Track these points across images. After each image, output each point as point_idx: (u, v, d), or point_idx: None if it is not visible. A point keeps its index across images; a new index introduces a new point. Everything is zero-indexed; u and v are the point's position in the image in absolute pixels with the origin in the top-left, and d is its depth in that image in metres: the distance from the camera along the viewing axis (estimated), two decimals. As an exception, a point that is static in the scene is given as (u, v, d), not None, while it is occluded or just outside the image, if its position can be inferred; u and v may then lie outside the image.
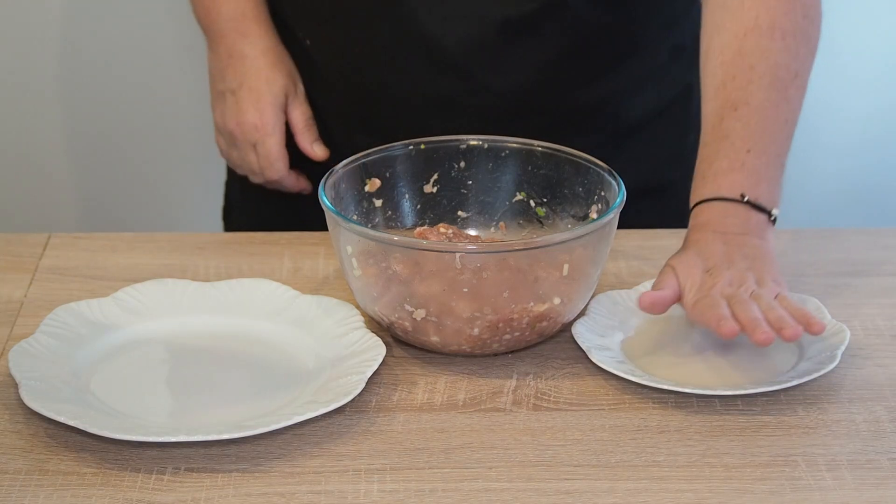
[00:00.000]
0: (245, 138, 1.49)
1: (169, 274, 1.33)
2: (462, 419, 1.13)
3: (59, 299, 1.28)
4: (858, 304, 1.30)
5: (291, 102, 1.50)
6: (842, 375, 1.19)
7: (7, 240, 1.41)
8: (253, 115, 1.47)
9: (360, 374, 1.14)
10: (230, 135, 1.50)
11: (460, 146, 1.32)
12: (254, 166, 1.51)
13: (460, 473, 1.07)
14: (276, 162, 1.49)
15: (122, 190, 2.34)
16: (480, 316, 1.16)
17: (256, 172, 1.51)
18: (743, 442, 1.10)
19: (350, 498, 1.04)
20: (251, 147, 1.49)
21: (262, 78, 1.48)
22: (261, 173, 1.51)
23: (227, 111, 1.50)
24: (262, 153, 1.49)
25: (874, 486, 1.06)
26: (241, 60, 1.49)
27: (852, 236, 1.43)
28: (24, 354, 1.16)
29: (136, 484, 1.05)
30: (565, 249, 1.17)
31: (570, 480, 1.06)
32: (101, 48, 2.25)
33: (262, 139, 1.48)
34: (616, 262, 1.37)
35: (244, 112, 1.48)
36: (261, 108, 1.47)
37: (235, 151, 1.51)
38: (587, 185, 1.28)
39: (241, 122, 1.48)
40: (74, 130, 2.30)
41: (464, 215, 1.34)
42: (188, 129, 2.32)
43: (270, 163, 1.49)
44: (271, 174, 1.50)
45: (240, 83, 1.48)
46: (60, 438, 1.10)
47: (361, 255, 1.18)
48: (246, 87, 1.48)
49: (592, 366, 1.19)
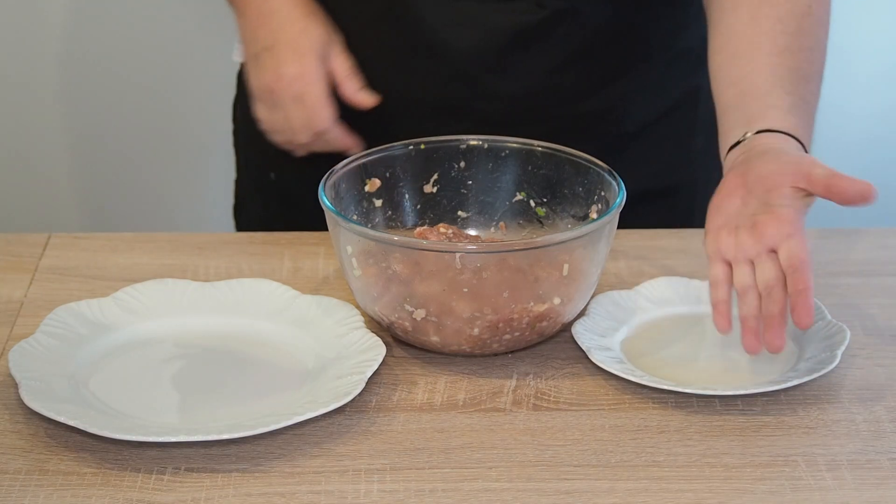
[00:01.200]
0: (287, 92, 1.42)
1: (169, 274, 1.33)
2: (462, 419, 1.13)
3: (59, 299, 1.28)
4: (858, 304, 1.30)
5: (330, 51, 1.43)
6: (842, 375, 1.19)
7: (7, 240, 1.41)
8: (292, 65, 1.41)
9: (360, 374, 1.14)
10: (270, 92, 1.43)
11: (460, 146, 1.32)
12: (298, 122, 1.43)
13: (460, 473, 1.07)
14: (322, 110, 1.42)
15: (122, 190, 2.34)
16: (480, 316, 1.16)
17: (302, 129, 1.43)
18: (743, 442, 1.10)
19: (350, 498, 1.04)
20: (294, 101, 1.42)
21: (297, 28, 1.41)
22: (307, 128, 1.43)
23: (264, 70, 1.43)
24: (308, 103, 1.41)
25: (874, 486, 1.06)
26: (272, 15, 1.43)
27: (852, 236, 1.43)
28: (24, 354, 1.16)
29: (136, 484, 1.05)
30: (565, 249, 1.17)
31: (570, 480, 1.06)
32: (102, 48, 2.25)
33: (306, 88, 1.41)
34: (616, 262, 1.37)
35: (283, 64, 1.41)
36: (300, 58, 1.41)
37: (278, 112, 1.44)
38: (587, 185, 1.28)
39: (281, 74, 1.41)
40: (75, 131, 2.30)
41: (464, 215, 1.34)
42: (188, 130, 2.32)
43: (317, 112, 1.42)
44: (318, 125, 1.42)
45: (275, 38, 1.42)
46: (60, 438, 1.10)
47: (361, 255, 1.18)
48: (282, 41, 1.42)
49: (592, 366, 1.19)
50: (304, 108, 1.42)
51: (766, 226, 1.15)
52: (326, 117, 1.42)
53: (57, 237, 1.41)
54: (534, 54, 1.42)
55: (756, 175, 1.18)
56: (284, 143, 1.47)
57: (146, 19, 2.24)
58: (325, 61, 1.43)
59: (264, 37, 1.43)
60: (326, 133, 1.44)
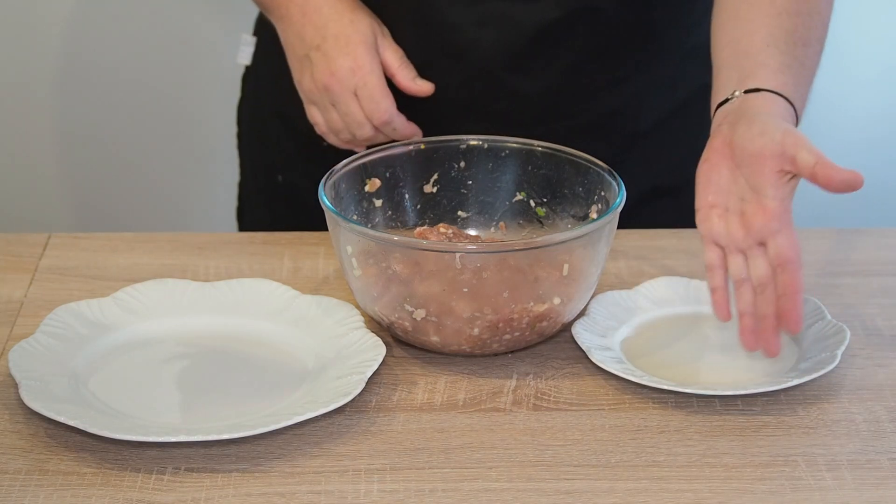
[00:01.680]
0: (343, 87, 1.38)
1: (169, 274, 1.33)
2: (462, 419, 1.13)
3: (59, 299, 1.28)
4: (858, 304, 1.30)
5: (381, 42, 1.40)
6: (842, 375, 1.19)
7: (7, 240, 1.41)
8: (345, 59, 1.37)
9: (360, 374, 1.14)
10: (325, 91, 1.39)
11: (460, 146, 1.32)
12: (359, 116, 1.39)
13: (460, 473, 1.07)
14: (382, 101, 1.38)
15: (122, 190, 2.34)
16: (480, 316, 1.16)
17: (363, 123, 1.39)
18: (743, 442, 1.10)
19: (350, 498, 1.04)
20: (352, 95, 1.38)
21: (345, 21, 1.38)
22: (368, 121, 1.39)
23: (315, 70, 1.39)
24: (366, 95, 1.38)
25: (874, 486, 1.06)
26: (317, 13, 1.39)
27: (852, 236, 1.43)
28: (24, 354, 1.16)
29: (136, 484, 1.05)
30: (565, 249, 1.17)
31: (570, 480, 1.06)
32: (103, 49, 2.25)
33: (363, 80, 1.38)
34: (616, 262, 1.37)
35: (335, 59, 1.37)
36: (352, 51, 1.37)
37: (334, 110, 1.40)
38: (587, 185, 1.28)
39: (335, 70, 1.37)
40: (75, 131, 2.30)
41: (464, 215, 1.34)
42: (189, 130, 2.32)
43: (377, 103, 1.38)
44: (380, 116, 1.38)
45: (323, 36, 1.38)
46: (60, 438, 1.10)
47: (361, 255, 1.18)
48: (331, 37, 1.38)
49: (592, 366, 1.19)
50: (363, 101, 1.39)
51: (754, 217, 1.16)
52: (388, 107, 1.39)
53: (57, 237, 1.41)
54: (553, 53, 1.43)
55: (743, 151, 1.18)
56: (345, 143, 1.44)
57: (149, 19, 2.24)
58: (376, 52, 1.40)
59: (311, 35, 1.40)
60: (389, 123, 1.40)
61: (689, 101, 1.52)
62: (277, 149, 1.58)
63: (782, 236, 1.15)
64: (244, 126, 1.65)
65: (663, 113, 1.52)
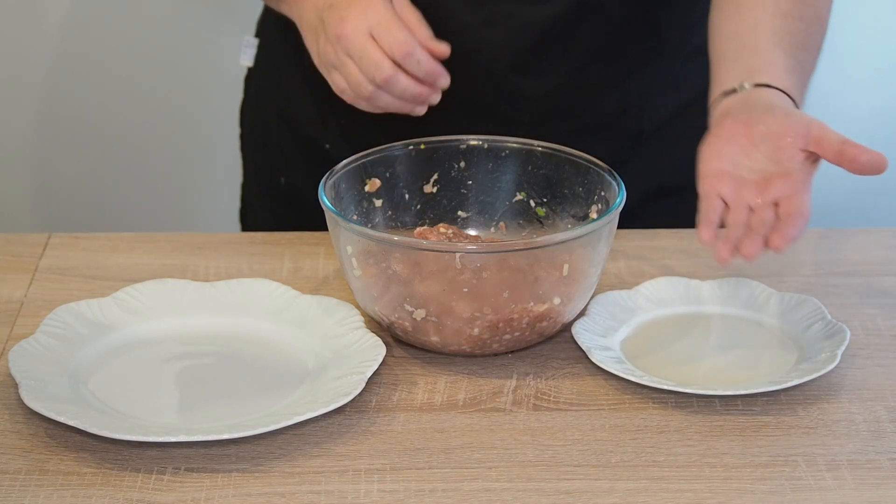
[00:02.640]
0: (356, 31, 1.30)
1: (169, 274, 1.33)
2: (462, 419, 1.13)
3: (59, 299, 1.28)
4: (858, 304, 1.30)
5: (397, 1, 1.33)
6: (842, 375, 1.19)
7: (7, 240, 1.41)
8: (356, 7, 1.30)
9: (360, 374, 1.14)
10: (338, 41, 1.31)
11: (460, 146, 1.32)
12: (375, 55, 1.30)
13: (460, 473, 1.07)
14: (399, 32, 1.29)
15: (122, 190, 2.34)
16: (480, 316, 1.16)
17: (384, 63, 1.30)
18: (743, 442, 1.10)
19: (350, 498, 1.04)
20: (367, 37, 1.30)
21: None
22: (387, 58, 1.30)
23: (327, 27, 1.32)
24: (382, 31, 1.30)
25: (874, 486, 1.06)
26: None
27: (852, 236, 1.43)
28: (24, 354, 1.16)
29: (136, 484, 1.05)
30: (565, 249, 1.17)
31: (570, 480, 1.06)
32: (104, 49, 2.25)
33: (375, 18, 1.30)
34: (616, 262, 1.37)
35: (346, 9, 1.31)
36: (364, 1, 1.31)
37: (351, 61, 1.31)
38: (587, 185, 1.28)
39: (346, 16, 1.30)
40: (75, 131, 2.30)
41: (464, 215, 1.34)
42: (189, 129, 2.32)
43: (394, 35, 1.29)
44: (400, 48, 1.29)
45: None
46: (60, 438, 1.10)
47: (361, 255, 1.18)
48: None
49: (592, 366, 1.19)
50: (380, 38, 1.30)
51: (774, 182, 1.16)
52: (406, 37, 1.30)
53: (57, 237, 1.41)
54: (558, 52, 1.43)
55: (764, 130, 1.18)
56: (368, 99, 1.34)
57: (152, 21, 2.24)
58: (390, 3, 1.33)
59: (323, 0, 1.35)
60: (411, 55, 1.30)
61: (694, 100, 1.52)
62: (279, 151, 1.58)
63: (800, 197, 1.14)
64: (247, 128, 1.65)
65: (668, 112, 1.52)
